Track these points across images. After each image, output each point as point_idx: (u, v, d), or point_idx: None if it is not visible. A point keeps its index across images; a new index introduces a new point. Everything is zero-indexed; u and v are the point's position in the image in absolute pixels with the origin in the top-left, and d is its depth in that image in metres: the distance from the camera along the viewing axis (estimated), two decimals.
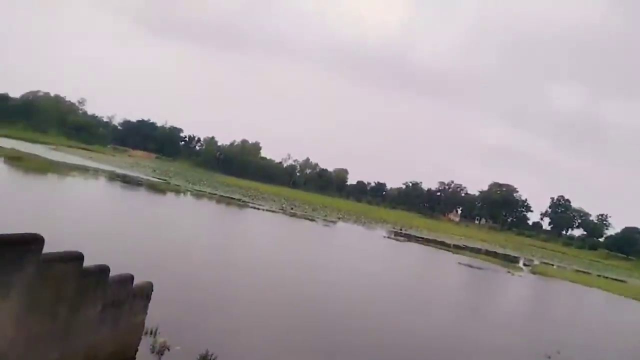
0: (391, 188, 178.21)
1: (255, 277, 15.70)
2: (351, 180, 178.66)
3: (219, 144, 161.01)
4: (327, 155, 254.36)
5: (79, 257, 4.96)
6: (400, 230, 64.96)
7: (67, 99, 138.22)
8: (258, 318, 11.22)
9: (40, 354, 4.61)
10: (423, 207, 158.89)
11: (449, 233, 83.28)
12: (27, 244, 4.28)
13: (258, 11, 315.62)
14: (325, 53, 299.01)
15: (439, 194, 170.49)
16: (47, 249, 4.49)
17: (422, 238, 57.15)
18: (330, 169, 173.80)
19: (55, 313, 4.71)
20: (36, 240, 4.38)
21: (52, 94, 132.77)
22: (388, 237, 48.57)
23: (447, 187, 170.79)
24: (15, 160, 39.84)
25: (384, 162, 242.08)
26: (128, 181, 46.02)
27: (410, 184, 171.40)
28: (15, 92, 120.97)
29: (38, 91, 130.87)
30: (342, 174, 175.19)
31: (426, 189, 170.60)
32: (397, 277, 23.92)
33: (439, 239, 60.74)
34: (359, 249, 33.30)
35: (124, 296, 5.86)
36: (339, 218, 63.86)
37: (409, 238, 52.93)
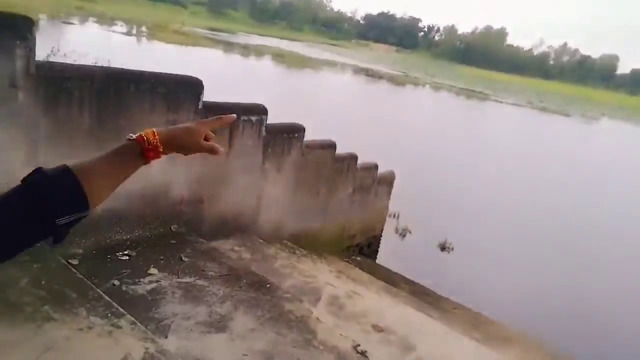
0: None
1: (500, 186, 14.86)
2: (622, 69, 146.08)
3: (459, 32, 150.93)
4: (590, 38, 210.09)
5: (332, 145, 5.60)
6: None
7: None
8: (500, 221, 10.86)
9: (308, 221, 5.69)
10: None
11: None
12: (293, 132, 5.03)
13: None
14: None
15: None
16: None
17: None
18: (595, 55, 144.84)
19: (317, 191, 5.60)
20: (299, 129, 5.08)
21: None
22: None
23: None
24: (279, 57, 46.20)
25: None
26: (370, 74, 48.32)
27: None
28: None
29: None
30: (610, 61, 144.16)
31: None
32: None
33: None
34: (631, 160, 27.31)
35: (370, 182, 6.46)
36: (603, 114, 54.12)
37: None
